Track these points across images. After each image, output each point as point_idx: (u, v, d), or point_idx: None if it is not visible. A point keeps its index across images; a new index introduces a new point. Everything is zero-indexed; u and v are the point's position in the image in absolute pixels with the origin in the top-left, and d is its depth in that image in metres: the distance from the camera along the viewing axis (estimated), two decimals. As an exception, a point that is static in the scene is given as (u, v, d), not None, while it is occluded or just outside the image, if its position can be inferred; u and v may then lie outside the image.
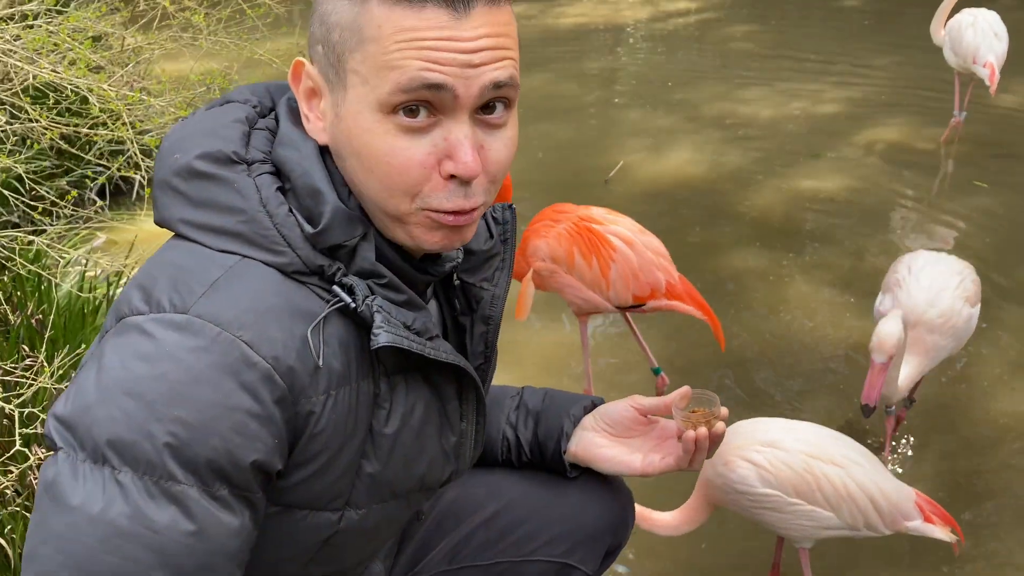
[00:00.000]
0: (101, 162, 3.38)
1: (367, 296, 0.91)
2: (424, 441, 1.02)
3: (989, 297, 3.21)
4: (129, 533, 0.81)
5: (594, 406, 1.31)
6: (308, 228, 0.90)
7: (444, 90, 0.85)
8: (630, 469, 1.24)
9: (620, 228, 2.32)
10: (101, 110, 2.33)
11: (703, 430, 1.13)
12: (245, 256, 0.89)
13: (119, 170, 2.73)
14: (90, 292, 2.44)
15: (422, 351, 0.94)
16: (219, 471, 0.83)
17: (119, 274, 2.66)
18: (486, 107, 0.90)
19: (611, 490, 1.39)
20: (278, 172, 0.93)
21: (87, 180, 3.65)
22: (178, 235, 0.93)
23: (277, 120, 0.97)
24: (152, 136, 2.44)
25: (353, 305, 0.90)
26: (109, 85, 2.30)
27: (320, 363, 0.89)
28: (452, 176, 0.89)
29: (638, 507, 1.61)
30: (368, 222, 0.94)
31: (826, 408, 2.66)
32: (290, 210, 0.91)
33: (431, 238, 0.93)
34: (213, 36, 3.04)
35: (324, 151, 0.94)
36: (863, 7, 7.31)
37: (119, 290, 2.59)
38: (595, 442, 1.27)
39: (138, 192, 3.90)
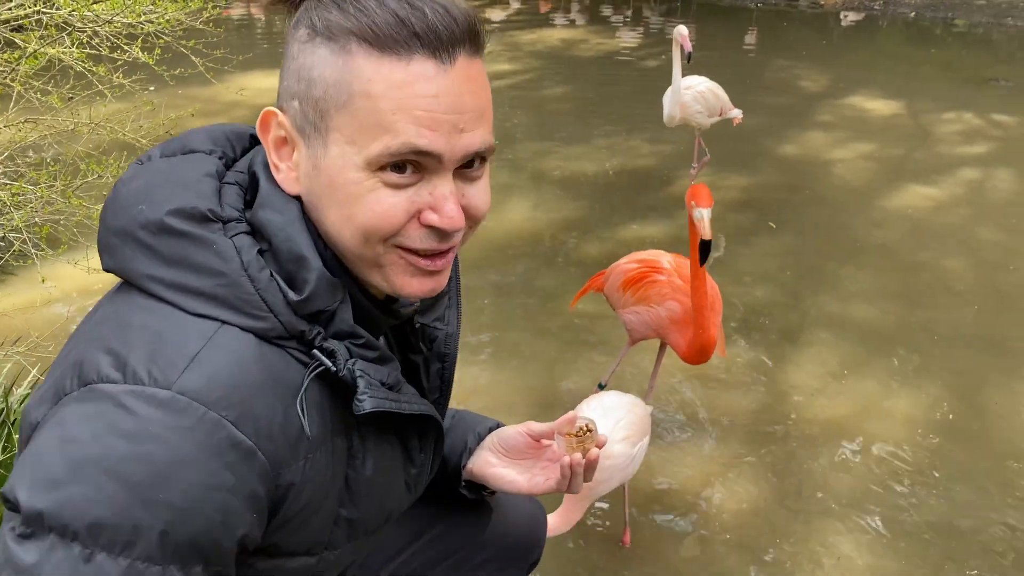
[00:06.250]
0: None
1: (348, 360, 0.92)
2: (391, 479, 1.08)
3: (798, 323, 3.75)
4: None
5: (498, 426, 1.38)
6: (292, 295, 0.89)
7: (432, 155, 0.88)
8: (516, 488, 1.30)
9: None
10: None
11: (577, 456, 1.20)
12: (222, 321, 0.86)
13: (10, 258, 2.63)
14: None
15: (399, 409, 0.98)
16: (199, 551, 0.82)
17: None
18: (467, 163, 0.93)
19: (531, 515, 1.60)
20: (253, 231, 0.91)
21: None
22: (140, 289, 0.89)
23: (252, 175, 0.95)
24: (34, 220, 2.40)
25: (334, 369, 0.91)
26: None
27: (308, 433, 0.90)
28: (430, 226, 0.91)
29: None
30: (347, 280, 0.95)
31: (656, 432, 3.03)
32: (271, 275, 0.89)
33: (410, 286, 0.94)
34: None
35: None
36: (663, 66, 8.12)
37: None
38: (489, 461, 1.34)
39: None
